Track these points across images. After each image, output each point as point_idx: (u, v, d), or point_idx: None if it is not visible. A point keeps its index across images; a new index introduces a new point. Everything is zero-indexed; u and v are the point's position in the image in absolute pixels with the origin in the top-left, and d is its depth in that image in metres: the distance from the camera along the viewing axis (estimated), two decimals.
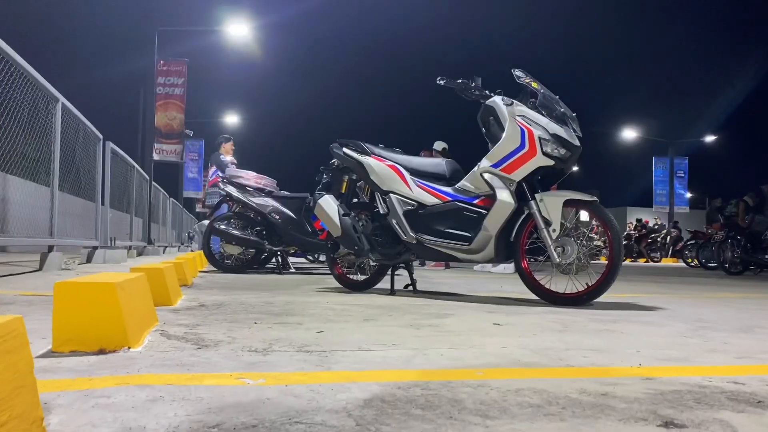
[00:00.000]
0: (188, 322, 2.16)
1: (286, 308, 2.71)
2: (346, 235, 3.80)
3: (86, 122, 7.02)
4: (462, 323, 2.29)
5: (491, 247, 3.31)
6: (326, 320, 2.30)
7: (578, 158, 3.31)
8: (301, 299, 3.21)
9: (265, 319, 2.31)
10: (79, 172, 6.90)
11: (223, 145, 7.75)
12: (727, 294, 4.64)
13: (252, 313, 2.52)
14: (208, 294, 3.43)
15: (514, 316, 2.59)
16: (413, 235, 3.57)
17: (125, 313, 1.53)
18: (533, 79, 3.36)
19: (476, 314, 2.63)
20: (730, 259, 9.13)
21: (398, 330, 2.06)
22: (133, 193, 10.67)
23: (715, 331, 2.25)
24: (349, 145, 3.95)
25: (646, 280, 6.59)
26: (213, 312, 2.51)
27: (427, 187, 3.64)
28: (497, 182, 3.30)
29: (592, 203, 3.18)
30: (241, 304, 2.84)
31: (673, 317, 2.70)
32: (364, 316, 2.45)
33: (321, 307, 2.79)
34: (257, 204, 5.88)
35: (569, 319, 2.52)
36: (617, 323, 2.41)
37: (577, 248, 3.19)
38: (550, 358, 1.58)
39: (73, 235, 6.85)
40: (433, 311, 2.71)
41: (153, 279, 2.62)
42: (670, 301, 3.71)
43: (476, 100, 3.48)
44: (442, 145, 5.08)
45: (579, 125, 3.30)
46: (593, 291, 3.11)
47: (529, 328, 2.18)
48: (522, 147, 3.22)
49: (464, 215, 3.43)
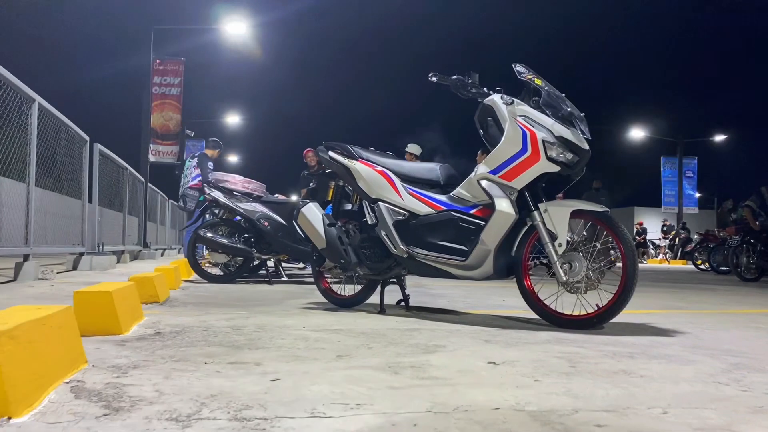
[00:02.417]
0: (125, 362, 1.82)
1: (253, 337, 2.37)
2: (330, 247, 3.46)
3: (69, 123, 6.71)
4: (451, 361, 1.95)
5: (489, 263, 2.96)
6: (292, 357, 1.96)
7: (587, 163, 2.96)
8: (277, 322, 2.87)
9: (221, 356, 1.97)
10: (60, 176, 6.58)
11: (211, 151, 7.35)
12: (748, 308, 4.27)
13: (211, 345, 2.18)
14: (176, 314, 3.09)
15: (514, 348, 2.24)
16: (404, 248, 3.22)
17: (8, 371, 1.19)
18: (536, 75, 3.00)
19: (470, 345, 2.28)
20: (745, 265, 8.73)
21: (372, 375, 1.72)
22: (126, 195, 10.37)
23: (753, 371, 1.90)
24: (335, 149, 3.61)
25: (658, 288, 6.22)
26: (166, 344, 2.18)
27: (419, 195, 3.29)
28: (496, 190, 2.94)
29: (603, 214, 2.83)
30: (204, 331, 2.50)
31: (698, 347, 2.35)
32: (338, 350, 2.10)
33: (293, 335, 2.45)
34: (245, 210, 5.55)
35: (578, 352, 2.16)
36: (634, 359, 2.06)
37: (586, 265, 2.84)
38: (555, 430, 1.23)
39: (54, 242, 6.54)
40: (422, 341, 2.36)
41: (98, 305, 2.29)
42: (689, 320, 3.35)
43: (473, 98, 3.13)
44: (416, 148, 4.49)
45: (587, 126, 2.95)
46: (604, 313, 2.76)
47: (529, 369, 1.83)
48: (524, 151, 2.87)
49: (460, 226, 3.08)
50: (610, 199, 12.12)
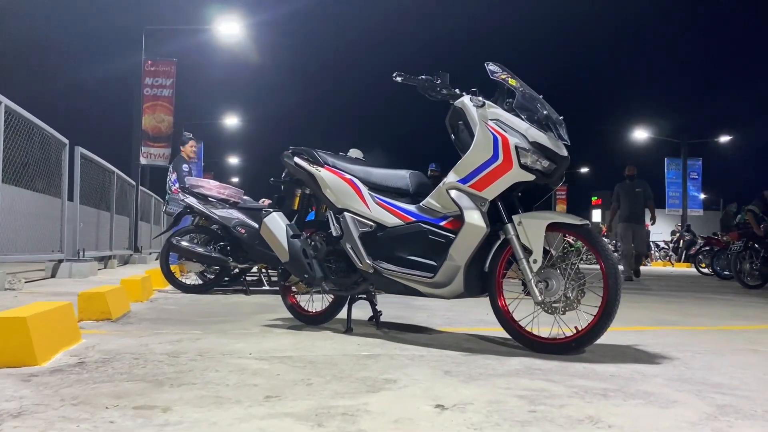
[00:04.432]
0: (11, 407, 1.57)
1: (184, 368, 2.12)
2: (294, 261, 3.20)
3: (44, 126, 6.50)
4: (393, 404, 1.69)
5: (460, 280, 2.70)
6: (212, 399, 1.71)
7: (565, 171, 2.70)
8: (225, 345, 2.62)
9: (131, 396, 1.72)
10: (34, 180, 6.36)
11: (183, 147, 7.08)
12: (747, 323, 4.00)
13: (131, 379, 1.93)
14: (121, 335, 2.85)
15: (474, 383, 1.98)
16: (370, 263, 2.97)
17: None
18: (511, 75, 2.74)
19: (425, 379, 2.03)
20: (748, 271, 8.43)
21: (290, 429, 1.46)
22: (113, 199, 10.15)
23: (741, 417, 1.64)
24: (301, 154, 3.36)
25: (656, 296, 5.93)
26: (81, 378, 1.93)
27: (387, 205, 3.03)
28: (466, 201, 2.68)
29: (582, 228, 2.57)
30: (135, 359, 2.26)
31: (684, 381, 2.08)
32: (270, 389, 1.85)
33: (231, 366, 2.20)
34: (220, 216, 5.30)
35: (544, 389, 1.90)
36: (607, 398, 1.80)
37: (564, 283, 2.58)
38: None
39: (28, 248, 6.31)
40: (374, 372, 2.11)
41: (9, 333, 2.05)
42: (681, 340, 3.08)
43: (443, 100, 2.87)
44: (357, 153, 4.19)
45: (566, 130, 2.69)
46: (583, 337, 2.50)
47: (481, 417, 1.57)
48: (495, 158, 2.61)
49: (429, 240, 2.82)
50: (650, 190, 9.73)
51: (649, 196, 9.64)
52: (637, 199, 9.45)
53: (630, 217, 9.45)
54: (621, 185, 9.58)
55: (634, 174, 9.62)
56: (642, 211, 9.65)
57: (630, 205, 9.43)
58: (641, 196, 9.47)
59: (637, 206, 9.49)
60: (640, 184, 9.58)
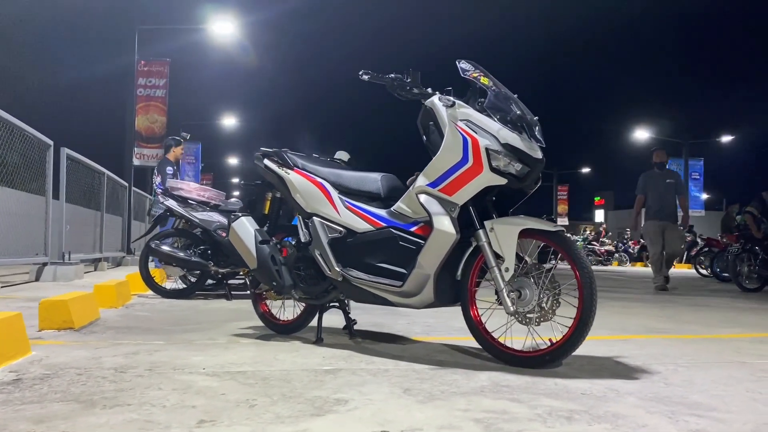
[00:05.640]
0: None
1: (125, 386, 1.99)
2: (262, 268, 3.06)
3: (25, 127, 6.37)
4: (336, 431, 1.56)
5: (430, 290, 2.57)
6: (141, 424, 1.58)
7: (540, 174, 2.56)
8: (180, 358, 2.49)
9: (55, 420, 1.59)
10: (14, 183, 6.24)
11: (173, 149, 6.96)
12: (739, 330, 3.85)
13: (63, 400, 1.80)
14: (76, 346, 2.71)
15: (432, 403, 1.84)
16: (338, 270, 2.83)
17: None
18: (484, 73, 2.60)
19: (381, 399, 1.89)
20: (747, 274, 8.27)
21: None
22: (103, 201, 10.03)
23: None
24: (271, 156, 3.23)
25: (651, 301, 5.78)
26: (7, 399, 1.80)
27: (357, 210, 2.90)
28: (435, 206, 2.55)
29: (557, 234, 2.43)
30: (78, 375, 2.12)
31: (660, 399, 1.94)
32: (208, 411, 1.72)
33: (178, 383, 2.07)
34: (200, 219, 5.17)
35: (506, 410, 1.77)
36: (571, 423, 1.66)
37: (538, 292, 2.44)
38: None
39: (8, 252, 6.19)
40: (327, 391, 1.97)
41: None
42: (666, 350, 2.94)
43: (414, 99, 2.74)
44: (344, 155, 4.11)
45: (541, 132, 2.55)
46: (557, 350, 2.36)
47: None
48: (464, 161, 2.47)
49: (399, 246, 2.69)
50: (681, 182, 8.21)
51: (681, 190, 8.01)
52: (668, 190, 7.78)
53: (659, 213, 7.72)
54: (648, 174, 7.96)
55: (665, 161, 8.09)
56: (674, 205, 7.85)
57: (660, 197, 7.74)
58: (672, 188, 7.81)
59: (668, 199, 7.78)
60: (671, 174, 8.06)
